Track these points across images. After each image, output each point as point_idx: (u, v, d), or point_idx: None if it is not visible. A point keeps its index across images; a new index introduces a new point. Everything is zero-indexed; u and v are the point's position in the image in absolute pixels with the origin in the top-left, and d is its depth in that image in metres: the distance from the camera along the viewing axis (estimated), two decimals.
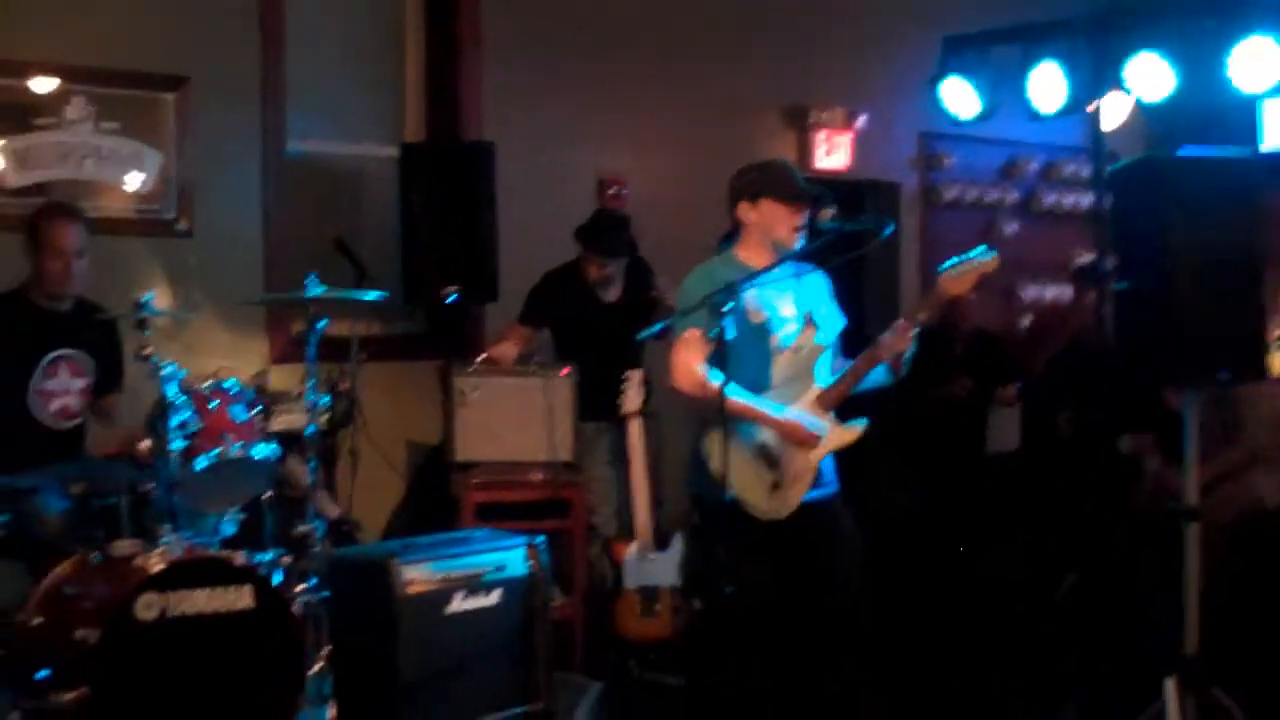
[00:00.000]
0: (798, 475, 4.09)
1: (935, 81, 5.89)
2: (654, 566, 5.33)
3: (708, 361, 4.01)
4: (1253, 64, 5.01)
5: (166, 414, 4.19)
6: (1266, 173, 4.80)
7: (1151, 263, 4.06)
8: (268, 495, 4.68)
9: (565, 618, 5.40)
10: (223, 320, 5.60)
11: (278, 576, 4.38)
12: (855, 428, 4.15)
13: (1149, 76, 5.29)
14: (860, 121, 7.43)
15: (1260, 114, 7.45)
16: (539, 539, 4.48)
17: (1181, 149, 4.14)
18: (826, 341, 4.22)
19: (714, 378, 3.92)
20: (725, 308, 3.78)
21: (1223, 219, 4.00)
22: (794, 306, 4.20)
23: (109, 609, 3.81)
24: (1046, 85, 5.56)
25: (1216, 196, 4.01)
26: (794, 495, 4.09)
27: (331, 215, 6.12)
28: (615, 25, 6.67)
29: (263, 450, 4.50)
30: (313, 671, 4.30)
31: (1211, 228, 3.99)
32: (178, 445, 4.18)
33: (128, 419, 4.76)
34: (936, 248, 7.41)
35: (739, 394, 3.96)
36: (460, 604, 4.25)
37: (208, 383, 4.50)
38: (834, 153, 7.34)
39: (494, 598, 4.31)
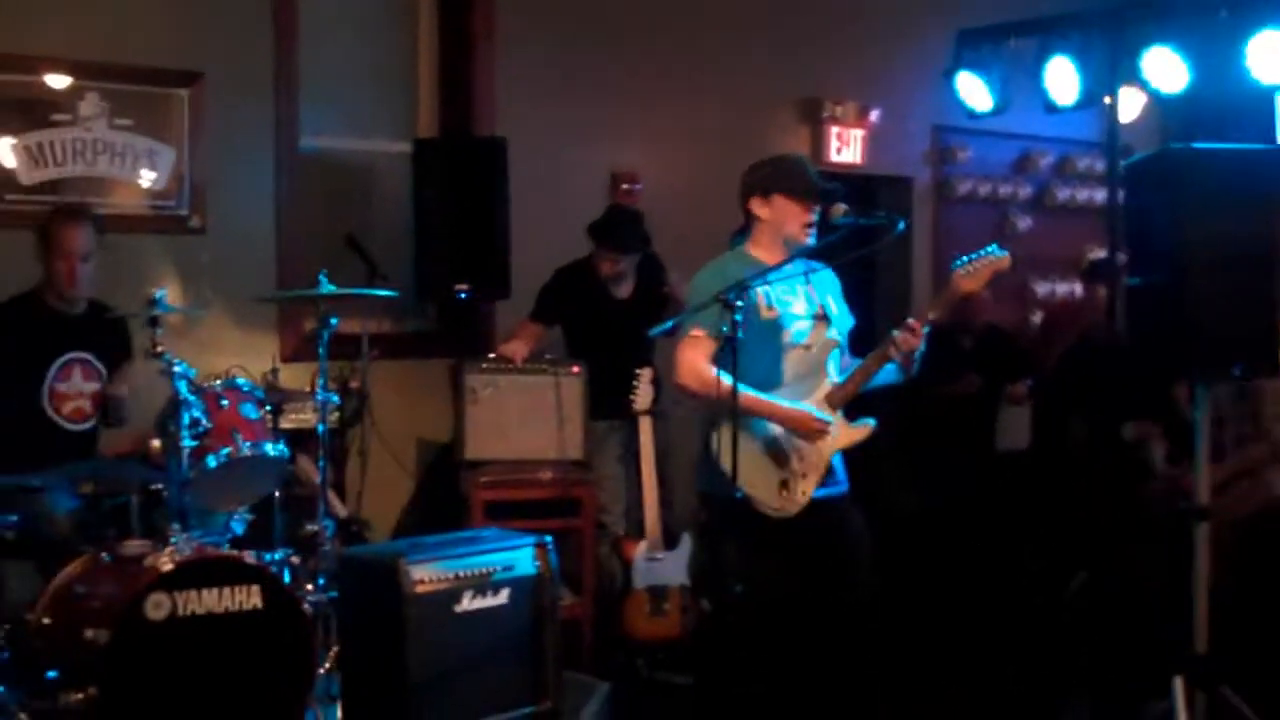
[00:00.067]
0: (808, 470, 4.06)
1: (949, 75, 5.86)
2: (663, 566, 5.32)
3: (716, 359, 3.98)
4: (1269, 56, 4.98)
5: (177, 413, 4.18)
6: None
7: (1165, 258, 4.04)
8: (277, 494, 4.68)
9: (574, 617, 5.40)
10: (234, 318, 5.60)
11: (287, 576, 4.39)
12: (864, 426, 4.13)
13: (1164, 70, 5.27)
14: (873, 116, 7.40)
15: (1277, 107, 7.39)
16: (548, 538, 4.46)
17: (1197, 142, 4.10)
18: (838, 339, 4.19)
19: (721, 376, 3.90)
20: (735, 305, 3.76)
21: (1238, 213, 3.97)
22: (805, 303, 4.18)
23: (118, 608, 3.80)
24: (1061, 79, 5.53)
25: (1232, 190, 3.98)
26: (804, 492, 4.07)
27: (343, 211, 6.11)
28: (628, 20, 6.64)
29: (273, 449, 4.50)
30: (321, 670, 4.30)
31: (1227, 222, 3.96)
32: (188, 444, 4.18)
33: (138, 419, 4.77)
34: (949, 242, 7.39)
35: (745, 390, 3.93)
36: (469, 603, 4.23)
37: (218, 381, 4.52)
38: (847, 147, 7.31)
39: (503, 597, 4.30)
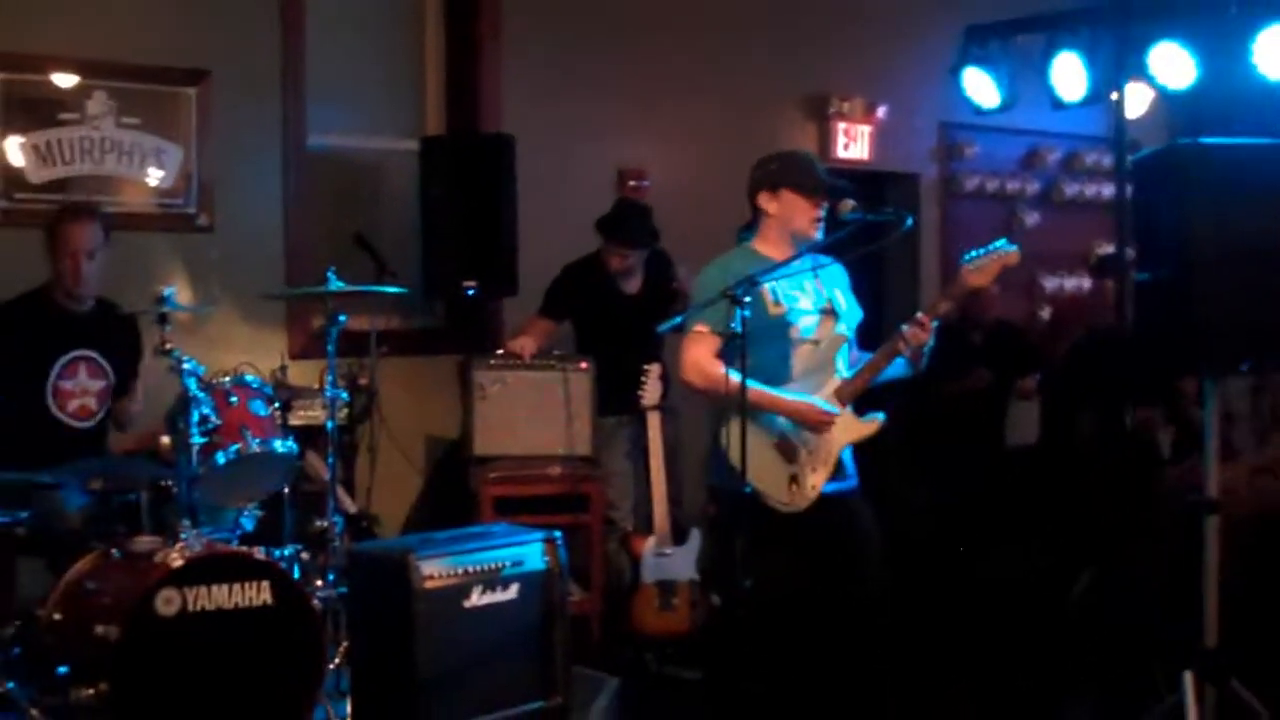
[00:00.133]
0: (818, 465, 4.06)
1: (956, 71, 5.86)
2: (672, 561, 5.32)
3: (722, 354, 3.98)
4: (1277, 52, 4.97)
5: (187, 409, 4.19)
6: None
7: (1173, 253, 4.03)
8: (287, 490, 4.69)
9: (583, 612, 5.40)
10: (243, 315, 5.61)
11: (296, 572, 4.40)
12: (873, 421, 4.13)
13: (1171, 65, 5.26)
14: (881, 112, 7.40)
15: None
16: (557, 533, 4.47)
17: (1204, 138, 4.09)
18: (846, 333, 4.19)
19: (728, 372, 3.89)
20: (743, 301, 3.76)
21: (1247, 208, 3.95)
22: (812, 298, 4.17)
23: (129, 605, 3.81)
24: (1068, 74, 5.53)
25: (1240, 185, 3.97)
26: (814, 486, 4.07)
27: (351, 209, 6.13)
28: (634, 16, 6.65)
29: (282, 445, 4.51)
30: (331, 666, 4.31)
31: (1235, 217, 3.94)
32: (198, 441, 4.19)
33: (147, 418, 4.78)
34: (957, 238, 7.38)
35: (751, 385, 3.93)
36: (478, 599, 4.23)
37: (228, 378, 4.52)
38: (854, 143, 7.31)
39: (512, 592, 4.30)
